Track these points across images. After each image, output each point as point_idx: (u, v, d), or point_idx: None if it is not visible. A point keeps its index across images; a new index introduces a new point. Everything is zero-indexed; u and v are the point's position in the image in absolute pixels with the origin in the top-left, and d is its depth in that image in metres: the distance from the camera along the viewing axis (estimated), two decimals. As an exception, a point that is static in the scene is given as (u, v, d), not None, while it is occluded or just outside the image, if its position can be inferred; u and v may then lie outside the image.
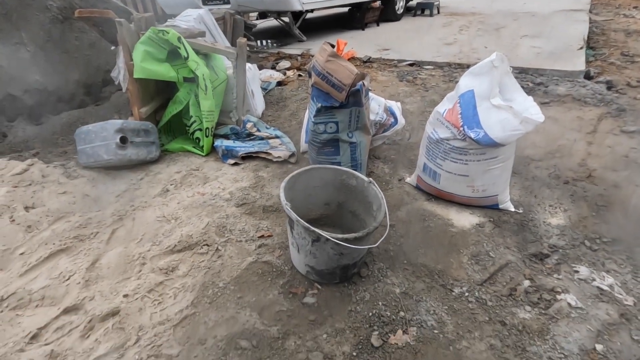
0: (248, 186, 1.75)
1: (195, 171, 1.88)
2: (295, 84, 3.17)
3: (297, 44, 4.99)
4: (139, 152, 1.84)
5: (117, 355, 0.99)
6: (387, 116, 1.92)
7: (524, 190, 1.71)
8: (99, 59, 2.68)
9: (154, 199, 1.67)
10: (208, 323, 1.08)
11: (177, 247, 1.36)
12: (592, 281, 1.21)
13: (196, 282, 1.22)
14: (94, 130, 1.77)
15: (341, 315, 1.11)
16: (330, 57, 1.39)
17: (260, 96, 2.58)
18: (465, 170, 1.51)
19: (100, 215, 1.54)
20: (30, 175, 1.67)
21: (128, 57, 1.92)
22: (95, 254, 1.33)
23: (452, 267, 1.29)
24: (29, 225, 1.42)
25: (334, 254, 1.10)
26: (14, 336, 1.03)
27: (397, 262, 1.31)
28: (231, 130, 2.13)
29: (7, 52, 2.26)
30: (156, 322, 1.08)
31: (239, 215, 1.55)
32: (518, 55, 3.25)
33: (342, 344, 1.03)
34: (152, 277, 1.23)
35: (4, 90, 2.20)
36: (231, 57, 2.03)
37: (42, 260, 1.28)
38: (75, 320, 1.08)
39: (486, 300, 1.16)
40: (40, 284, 1.19)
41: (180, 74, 1.92)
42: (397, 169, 1.92)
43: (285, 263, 1.30)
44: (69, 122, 2.32)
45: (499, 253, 1.35)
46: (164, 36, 1.83)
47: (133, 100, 1.98)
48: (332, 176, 1.36)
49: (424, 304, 1.15)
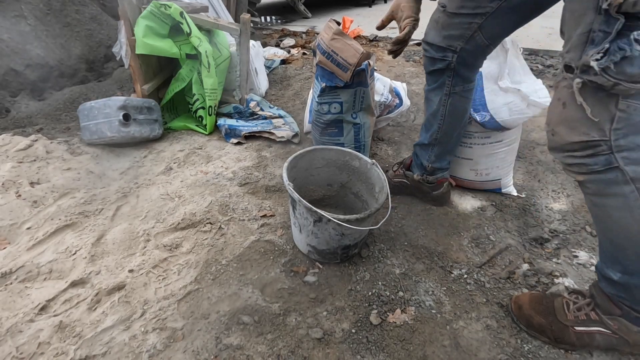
0: (251, 166, 1.76)
1: (199, 150, 1.89)
2: (299, 62, 3.11)
3: (301, 20, 4.88)
4: (142, 130, 1.84)
5: (124, 327, 1.02)
6: (392, 97, 1.89)
7: (527, 175, 1.71)
8: (100, 33, 2.63)
9: (157, 176, 1.68)
10: (211, 299, 1.11)
11: (180, 225, 1.38)
12: (591, 266, 1.23)
13: (199, 259, 1.24)
14: (96, 106, 1.76)
15: (341, 294, 1.14)
16: (336, 35, 1.35)
17: (263, 74, 2.54)
18: (469, 154, 1.50)
19: (105, 192, 1.55)
20: (35, 151, 1.68)
21: (130, 32, 1.89)
22: (100, 230, 1.35)
23: (452, 250, 1.31)
24: (35, 200, 1.44)
25: (335, 235, 1.12)
26: (23, 307, 1.07)
27: (398, 244, 1.33)
28: (234, 109, 2.12)
29: (7, 25, 2.22)
30: (161, 297, 1.11)
31: (242, 194, 1.56)
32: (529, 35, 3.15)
33: (341, 322, 1.06)
34: (157, 254, 1.25)
35: (6, 64, 2.18)
36: (234, 34, 1.99)
37: (48, 235, 1.31)
38: (83, 294, 1.11)
39: (484, 283, 1.18)
40: (48, 258, 1.22)
41: (182, 51, 1.89)
42: (400, 151, 1.91)
43: (287, 242, 1.32)
44: (72, 98, 2.31)
45: (500, 237, 1.36)
46: (166, 11, 1.79)
47: (135, 77, 1.96)
48: (335, 157, 1.36)
49: (422, 284, 1.18)
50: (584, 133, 0.73)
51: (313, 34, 4.12)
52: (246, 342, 0.99)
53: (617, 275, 0.85)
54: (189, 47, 1.87)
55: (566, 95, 0.74)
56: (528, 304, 1.01)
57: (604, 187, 0.76)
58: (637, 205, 0.74)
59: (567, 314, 0.95)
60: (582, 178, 0.79)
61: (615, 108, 0.70)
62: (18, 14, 2.27)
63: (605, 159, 0.74)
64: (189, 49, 1.89)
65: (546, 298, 1.02)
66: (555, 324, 0.95)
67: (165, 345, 0.98)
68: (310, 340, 1.00)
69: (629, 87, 0.66)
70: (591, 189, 0.79)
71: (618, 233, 0.80)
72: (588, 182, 0.78)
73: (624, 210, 0.76)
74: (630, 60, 0.63)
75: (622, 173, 0.73)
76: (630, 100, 0.68)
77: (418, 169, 1.46)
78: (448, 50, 1.12)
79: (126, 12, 1.87)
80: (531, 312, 0.99)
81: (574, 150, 0.76)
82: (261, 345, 0.99)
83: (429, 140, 1.36)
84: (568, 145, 0.77)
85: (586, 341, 0.92)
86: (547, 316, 0.97)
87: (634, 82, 0.65)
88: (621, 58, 0.63)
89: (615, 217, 0.78)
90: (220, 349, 0.97)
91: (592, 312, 0.92)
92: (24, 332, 1.00)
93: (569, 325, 0.94)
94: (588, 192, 0.81)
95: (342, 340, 1.01)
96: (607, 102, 0.70)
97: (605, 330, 0.90)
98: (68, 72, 2.44)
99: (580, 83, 0.70)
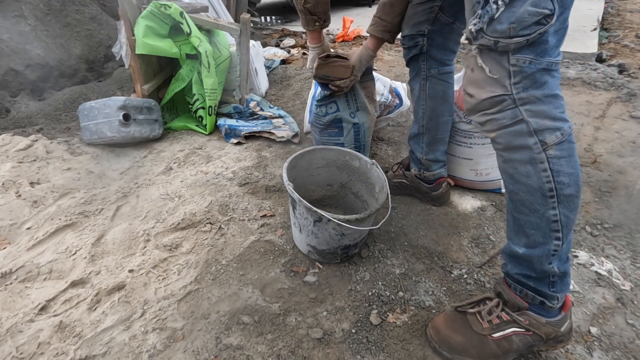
0: (251, 166, 1.76)
1: (199, 150, 1.89)
2: (299, 62, 3.11)
3: (302, 20, 4.86)
4: (142, 130, 1.84)
5: (124, 327, 1.02)
6: (392, 97, 1.89)
7: (527, 175, 1.71)
8: (100, 33, 2.63)
9: (157, 176, 1.68)
10: (211, 299, 1.11)
11: (180, 225, 1.38)
12: (591, 266, 1.23)
13: (199, 259, 1.24)
14: (96, 106, 1.76)
15: (341, 294, 1.14)
16: (321, 63, 1.38)
17: (263, 74, 2.54)
18: (469, 154, 1.50)
19: (105, 192, 1.55)
20: (35, 151, 1.68)
21: (130, 32, 1.89)
22: (100, 230, 1.35)
23: (452, 250, 1.31)
24: (35, 200, 1.44)
25: (335, 235, 1.12)
26: (23, 307, 1.07)
27: (398, 244, 1.33)
28: (234, 109, 2.11)
29: (7, 25, 2.22)
30: (161, 297, 1.11)
31: (242, 194, 1.56)
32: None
33: (341, 322, 1.05)
34: (157, 254, 1.25)
35: (6, 64, 2.18)
36: (234, 34, 1.99)
37: (48, 235, 1.31)
38: (83, 294, 1.11)
39: (484, 282, 1.18)
40: (48, 258, 1.22)
41: (182, 51, 1.89)
42: (400, 150, 1.91)
43: (287, 242, 1.32)
44: (72, 98, 2.31)
45: (500, 237, 1.36)
46: (166, 11, 1.79)
47: (135, 77, 1.96)
48: (335, 157, 1.36)
49: (422, 284, 1.17)
50: (490, 90, 0.81)
51: (313, 34, 4.11)
52: (246, 342, 0.99)
53: (521, 250, 0.88)
54: (189, 47, 1.87)
55: (471, 61, 0.84)
56: (444, 324, 0.98)
57: (512, 139, 0.82)
58: (540, 158, 0.80)
59: (482, 322, 0.94)
60: (494, 135, 0.85)
61: (508, 64, 0.77)
62: (18, 14, 2.28)
63: (511, 112, 0.80)
64: (189, 49, 1.89)
65: (459, 315, 0.99)
66: (474, 338, 0.93)
67: (165, 345, 0.98)
68: (310, 340, 1.00)
69: (508, 43, 0.74)
70: (502, 144, 0.84)
71: (522, 194, 0.84)
72: (499, 137, 0.84)
73: (528, 163, 0.81)
74: (498, 20, 0.73)
75: (526, 125, 0.79)
76: (518, 54, 0.76)
77: (415, 164, 1.49)
78: (417, 35, 1.26)
79: (126, 12, 1.86)
80: (448, 332, 0.96)
81: (485, 108, 0.83)
82: (261, 345, 0.99)
83: (418, 129, 1.42)
84: (480, 104, 0.84)
85: (506, 347, 0.92)
86: (464, 332, 0.95)
87: (509, 36, 0.73)
88: (489, 19, 0.74)
89: (522, 171, 0.82)
90: (220, 349, 0.97)
91: (503, 313, 0.93)
92: (24, 332, 1.00)
93: (486, 335, 0.92)
94: (499, 149, 0.86)
95: (342, 340, 1.01)
96: (500, 60, 0.78)
97: (519, 330, 0.91)
98: (68, 72, 2.44)
99: (476, 49, 0.81)
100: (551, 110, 0.79)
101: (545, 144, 0.79)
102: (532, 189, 0.82)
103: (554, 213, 0.82)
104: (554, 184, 0.80)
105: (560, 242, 0.84)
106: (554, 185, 0.80)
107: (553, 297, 0.88)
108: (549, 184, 0.81)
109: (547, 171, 0.80)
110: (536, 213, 0.84)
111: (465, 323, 0.96)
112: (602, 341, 1.02)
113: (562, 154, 0.80)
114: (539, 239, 0.85)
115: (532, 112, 0.79)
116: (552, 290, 0.88)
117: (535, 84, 0.78)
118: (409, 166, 1.53)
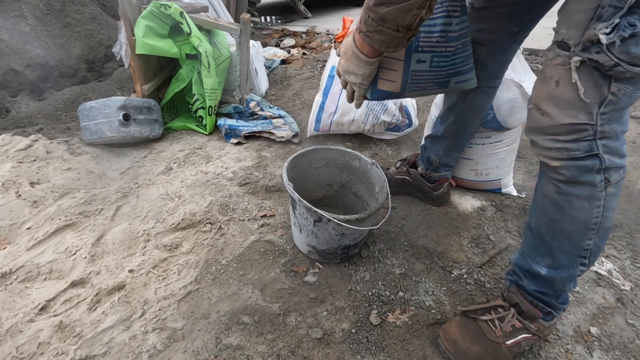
0: (251, 166, 1.76)
1: (199, 150, 1.89)
2: (299, 62, 3.11)
3: (301, 20, 4.88)
4: (142, 130, 1.84)
5: (124, 327, 1.02)
6: (402, 118, 1.88)
7: (527, 175, 1.71)
8: (100, 33, 2.63)
9: (157, 176, 1.68)
10: (211, 299, 1.11)
11: (180, 225, 1.38)
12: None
13: (199, 259, 1.24)
14: (96, 106, 1.76)
15: (341, 294, 1.14)
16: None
17: (263, 74, 2.54)
18: (469, 154, 1.50)
19: (105, 192, 1.55)
20: (35, 151, 1.68)
21: (130, 32, 1.89)
22: (100, 230, 1.35)
23: (452, 250, 1.31)
24: (35, 200, 1.44)
25: (335, 235, 1.12)
26: (23, 307, 1.06)
27: (398, 244, 1.33)
28: (234, 109, 2.12)
29: (7, 25, 2.22)
30: (161, 297, 1.11)
31: (242, 194, 1.56)
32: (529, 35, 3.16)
33: (341, 322, 1.05)
34: (157, 254, 1.25)
35: (6, 64, 2.18)
36: (234, 34, 1.99)
37: (48, 235, 1.31)
38: (83, 294, 1.11)
39: (484, 282, 1.18)
40: (48, 258, 1.22)
41: (182, 51, 1.89)
42: (400, 150, 1.91)
43: (287, 242, 1.32)
44: (72, 98, 2.31)
45: (500, 237, 1.36)
46: (166, 10, 1.79)
47: (135, 77, 1.96)
48: (335, 157, 1.36)
49: (422, 284, 1.17)
50: (573, 115, 0.70)
51: (313, 34, 4.12)
52: (246, 342, 0.99)
53: (544, 270, 0.86)
54: (189, 47, 1.87)
55: (560, 73, 0.71)
56: (460, 335, 0.95)
57: (579, 174, 0.74)
58: (600, 196, 0.75)
59: (495, 330, 0.94)
60: (558, 164, 0.76)
61: (608, 91, 0.68)
62: (18, 14, 2.28)
63: (588, 145, 0.72)
64: (189, 49, 1.89)
65: (470, 321, 0.98)
66: (489, 346, 0.93)
67: (165, 345, 0.98)
68: (310, 340, 1.00)
69: (627, 69, 0.64)
70: (565, 176, 0.76)
71: (565, 224, 0.79)
72: (564, 168, 0.75)
73: (586, 199, 0.75)
74: (635, 40, 0.62)
75: (599, 161, 0.72)
76: (621, 83, 0.67)
77: (424, 162, 1.45)
78: (476, 43, 1.08)
79: (126, 12, 1.86)
80: (466, 343, 0.94)
81: (558, 133, 0.73)
82: (261, 345, 0.99)
83: (442, 132, 1.34)
84: (554, 128, 0.73)
85: (516, 351, 0.94)
86: (479, 341, 0.94)
87: (634, 64, 0.64)
88: (630, 35, 0.61)
89: (575, 206, 0.77)
90: (220, 349, 0.97)
91: (516, 321, 0.94)
92: (24, 332, 1.00)
93: (500, 342, 0.93)
94: (559, 179, 0.77)
95: (342, 340, 1.01)
96: (601, 83, 0.68)
97: (528, 335, 0.93)
98: (68, 72, 2.44)
99: (578, 61, 0.68)
100: (621, 148, 0.74)
101: (608, 182, 0.74)
102: (578, 222, 0.78)
103: (589, 243, 0.80)
104: (600, 219, 0.77)
105: (585, 268, 0.84)
106: (600, 219, 0.77)
107: (560, 308, 0.92)
108: (596, 218, 0.77)
109: (600, 207, 0.76)
110: (571, 241, 0.81)
111: (478, 331, 0.95)
112: (602, 341, 1.02)
113: (617, 191, 0.76)
114: (564, 262, 0.83)
115: (608, 148, 0.72)
116: (559, 302, 0.91)
117: (619, 119, 0.71)
118: (415, 164, 1.50)
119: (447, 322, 1.02)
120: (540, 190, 0.84)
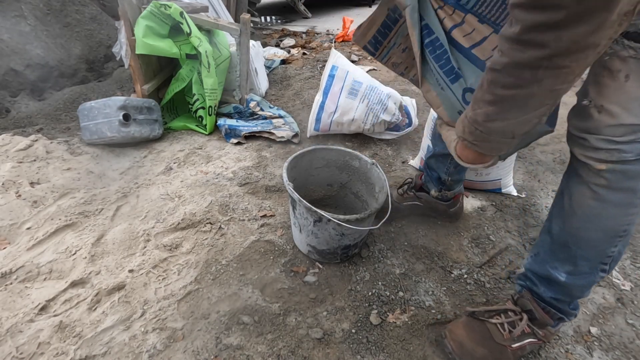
0: (251, 166, 1.76)
1: (199, 150, 1.89)
2: (299, 62, 3.11)
3: (302, 20, 4.88)
4: (142, 130, 1.84)
5: (124, 327, 1.02)
6: (402, 117, 1.87)
7: (527, 175, 1.71)
8: (100, 33, 2.63)
9: (157, 176, 1.68)
10: (211, 299, 1.11)
11: (180, 225, 1.38)
12: (591, 266, 1.23)
13: (199, 259, 1.24)
14: (96, 106, 1.76)
15: (341, 294, 1.14)
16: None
17: (263, 74, 2.54)
18: (470, 154, 1.49)
19: (105, 192, 1.55)
20: (35, 151, 1.68)
21: (130, 32, 1.89)
22: (100, 230, 1.35)
23: (452, 250, 1.31)
24: (35, 200, 1.44)
25: (335, 235, 1.12)
26: (23, 307, 1.06)
27: (398, 244, 1.33)
28: (234, 109, 2.12)
29: (7, 25, 2.22)
30: (161, 297, 1.11)
31: (242, 194, 1.56)
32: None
33: (341, 322, 1.05)
34: (157, 254, 1.25)
35: (6, 64, 2.18)
36: (234, 34, 1.99)
37: (48, 235, 1.31)
38: (83, 294, 1.11)
39: (484, 283, 1.18)
40: (48, 258, 1.22)
41: (182, 51, 1.89)
42: (400, 151, 1.91)
43: (287, 242, 1.32)
44: (72, 98, 2.31)
45: (500, 237, 1.36)
46: (166, 10, 1.79)
47: (135, 77, 1.96)
48: (335, 157, 1.36)
49: (422, 284, 1.17)
50: (636, 115, 0.63)
51: (313, 34, 4.12)
52: (246, 342, 0.99)
53: (563, 277, 0.83)
54: (189, 47, 1.87)
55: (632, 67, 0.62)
56: (466, 336, 0.94)
57: (624, 179, 0.67)
58: (637, 203, 0.71)
59: (503, 333, 0.93)
60: (604, 167, 0.68)
61: None
62: (18, 14, 2.27)
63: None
64: (189, 49, 1.89)
65: (476, 323, 0.97)
66: (495, 349, 0.93)
67: (165, 345, 0.98)
68: (310, 340, 1.00)
69: None
70: (608, 180, 0.69)
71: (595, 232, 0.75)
72: (610, 172, 0.68)
73: (622, 206, 0.71)
74: None
75: None
76: None
77: (435, 184, 1.32)
78: None
79: (126, 12, 1.86)
80: (472, 344, 0.93)
81: (616, 134, 0.65)
82: (261, 345, 0.99)
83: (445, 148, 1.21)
84: (613, 128, 0.65)
85: (519, 354, 0.94)
86: (486, 343, 0.93)
87: None
88: None
89: (609, 213, 0.72)
90: (220, 349, 0.97)
91: (526, 327, 0.94)
92: (24, 332, 1.00)
93: (507, 345, 0.93)
94: (601, 184, 0.70)
95: (342, 340, 1.01)
96: None
97: (534, 340, 0.93)
98: (68, 72, 2.44)
99: None
100: None
101: None
102: (607, 229, 0.74)
103: (613, 250, 0.77)
104: (630, 226, 0.73)
105: (605, 274, 0.82)
106: (629, 226, 0.74)
107: (571, 314, 0.91)
108: (627, 225, 0.73)
109: (633, 215, 0.72)
110: (596, 249, 0.77)
111: (485, 333, 0.95)
112: (602, 341, 1.02)
113: None
114: (586, 269, 0.81)
115: None
116: (571, 308, 0.90)
117: None
118: (422, 187, 1.39)
119: (452, 323, 1.01)
120: (570, 195, 0.77)
